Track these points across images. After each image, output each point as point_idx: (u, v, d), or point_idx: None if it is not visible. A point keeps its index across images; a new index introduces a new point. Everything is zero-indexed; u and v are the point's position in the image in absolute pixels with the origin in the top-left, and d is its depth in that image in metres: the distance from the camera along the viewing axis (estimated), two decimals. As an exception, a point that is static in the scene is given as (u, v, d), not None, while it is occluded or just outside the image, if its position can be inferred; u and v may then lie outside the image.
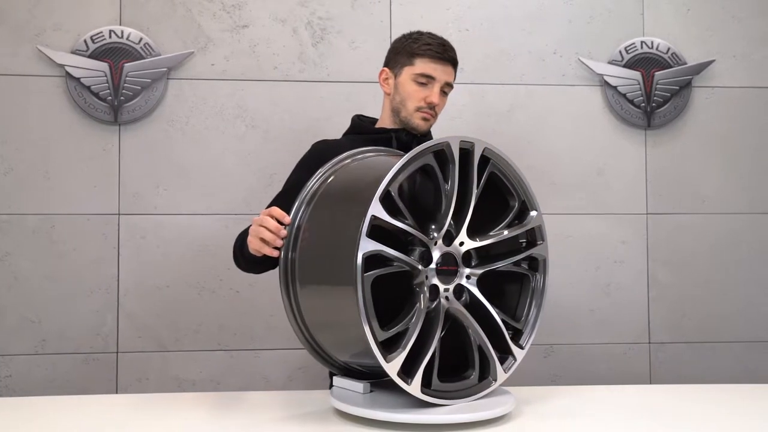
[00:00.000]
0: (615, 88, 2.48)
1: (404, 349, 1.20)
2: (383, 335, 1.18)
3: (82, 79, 2.29)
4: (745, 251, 2.52)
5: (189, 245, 2.34)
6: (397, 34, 2.42)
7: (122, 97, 2.31)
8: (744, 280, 2.51)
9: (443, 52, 1.64)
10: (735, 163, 2.54)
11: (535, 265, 1.43)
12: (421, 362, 1.22)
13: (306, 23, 2.42)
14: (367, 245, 1.17)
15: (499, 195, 1.43)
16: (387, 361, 1.19)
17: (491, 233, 1.36)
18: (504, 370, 1.35)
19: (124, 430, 1.27)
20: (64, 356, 2.28)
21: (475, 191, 1.31)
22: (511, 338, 1.37)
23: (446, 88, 1.68)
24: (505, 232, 1.38)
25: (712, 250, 2.52)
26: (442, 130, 2.41)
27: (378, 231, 1.22)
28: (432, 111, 1.66)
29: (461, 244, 1.31)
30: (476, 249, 1.38)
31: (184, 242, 2.34)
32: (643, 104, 2.49)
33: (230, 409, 1.39)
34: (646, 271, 2.49)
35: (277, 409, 1.38)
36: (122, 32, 2.32)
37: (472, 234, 1.34)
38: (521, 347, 1.38)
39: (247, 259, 1.53)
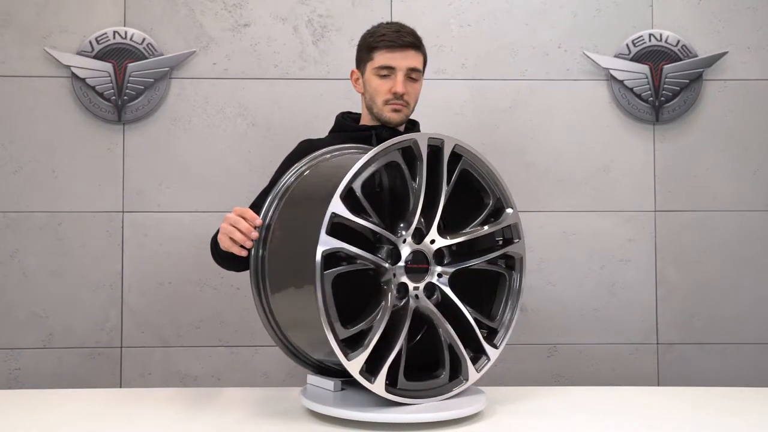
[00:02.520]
0: (621, 82, 2.42)
1: (367, 347, 1.20)
2: (345, 333, 1.18)
3: (87, 80, 2.34)
4: (758, 249, 2.43)
5: (191, 242, 2.36)
6: (397, 30, 2.43)
7: (126, 97, 2.35)
8: (757, 280, 2.43)
9: (397, 39, 1.59)
10: (748, 158, 2.45)
11: (512, 263, 1.41)
12: (386, 361, 1.21)
13: (306, 21, 2.42)
14: (327, 243, 1.17)
15: (477, 193, 1.41)
16: (348, 360, 1.18)
17: (463, 231, 1.34)
18: (476, 370, 1.33)
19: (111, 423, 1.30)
20: (70, 350, 2.34)
21: (444, 189, 1.29)
22: (486, 338, 1.36)
23: (413, 74, 1.62)
24: (479, 230, 1.36)
25: (724, 248, 2.44)
26: (442, 126, 2.40)
27: (345, 229, 1.21)
28: (401, 101, 1.61)
29: (432, 242, 1.30)
30: (452, 247, 1.36)
31: (186, 239, 2.37)
32: (651, 98, 2.42)
33: (202, 406, 1.40)
34: (653, 270, 2.43)
35: (250, 407, 1.39)
36: (126, 33, 2.36)
37: (446, 232, 1.33)
38: (495, 347, 1.37)
39: (221, 256, 1.54)
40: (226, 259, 1.54)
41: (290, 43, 2.41)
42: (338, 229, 1.20)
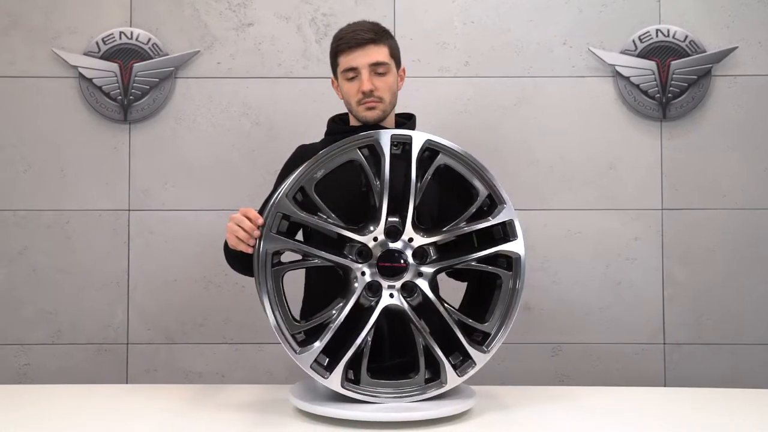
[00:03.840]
0: (628, 78, 2.39)
1: (321, 342, 1.22)
2: (297, 328, 1.20)
3: (94, 80, 2.38)
4: (769, 248, 2.39)
5: (196, 240, 2.39)
6: (400, 28, 2.44)
7: (131, 97, 2.38)
8: (766, 278, 2.38)
9: (354, 38, 1.57)
10: (758, 156, 2.40)
11: (509, 264, 1.36)
12: (343, 356, 1.22)
13: (310, 20, 2.43)
14: (272, 241, 1.21)
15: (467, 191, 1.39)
16: (298, 353, 1.21)
17: (444, 229, 1.32)
18: (460, 374, 1.29)
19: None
20: (77, 346, 2.38)
21: (413, 186, 1.27)
22: (479, 341, 1.33)
23: (378, 69, 1.58)
24: (460, 228, 1.33)
25: (733, 246, 2.39)
26: (445, 124, 2.39)
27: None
28: (371, 98, 1.58)
29: (410, 240, 1.29)
30: (441, 246, 1.34)
31: (190, 237, 2.39)
32: (658, 95, 2.39)
33: (204, 403, 1.43)
34: (660, 269, 2.40)
35: (252, 404, 1.42)
36: (132, 33, 2.39)
37: (433, 231, 1.32)
38: (485, 351, 1.32)
39: (232, 256, 1.57)
40: (238, 261, 1.56)
41: (294, 42, 2.42)
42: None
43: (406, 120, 1.74)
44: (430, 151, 1.30)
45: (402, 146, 1.30)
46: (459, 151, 1.32)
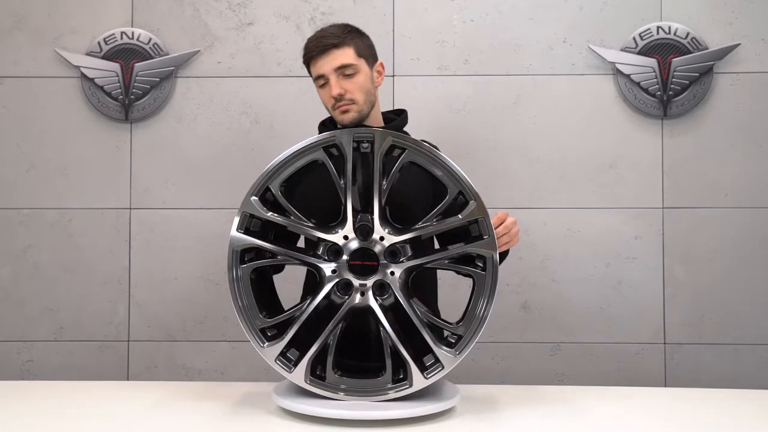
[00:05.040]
0: (628, 76, 2.37)
1: (284, 337, 1.25)
2: (266, 323, 1.23)
3: (95, 80, 2.40)
4: (772, 248, 2.36)
5: (196, 238, 2.41)
6: (400, 26, 2.44)
7: (132, 96, 2.40)
8: (769, 279, 2.36)
9: (316, 46, 1.58)
10: (761, 154, 2.37)
11: (481, 263, 1.32)
12: (307, 352, 1.25)
13: (309, 19, 2.44)
14: (239, 240, 1.27)
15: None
16: (264, 347, 1.26)
17: (414, 227, 1.30)
18: (425, 377, 1.27)
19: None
20: (79, 343, 2.41)
21: (377, 184, 1.27)
22: (455, 343, 1.30)
23: (346, 71, 1.57)
24: (428, 226, 1.31)
25: (734, 246, 2.37)
26: (445, 123, 2.39)
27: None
28: (344, 101, 1.58)
29: (382, 239, 1.28)
30: (415, 244, 1.31)
31: (191, 235, 2.41)
32: (659, 93, 2.37)
33: (203, 400, 1.44)
34: (661, 268, 2.38)
35: (248, 400, 1.45)
36: (133, 33, 2.41)
37: (402, 229, 1.30)
38: (456, 354, 1.29)
39: None
40: None
41: (293, 41, 2.43)
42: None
43: (396, 116, 1.74)
44: (400, 148, 1.28)
45: (371, 144, 1.30)
46: (423, 149, 1.29)
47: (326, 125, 1.73)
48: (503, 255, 1.58)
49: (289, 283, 1.66)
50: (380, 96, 2.28)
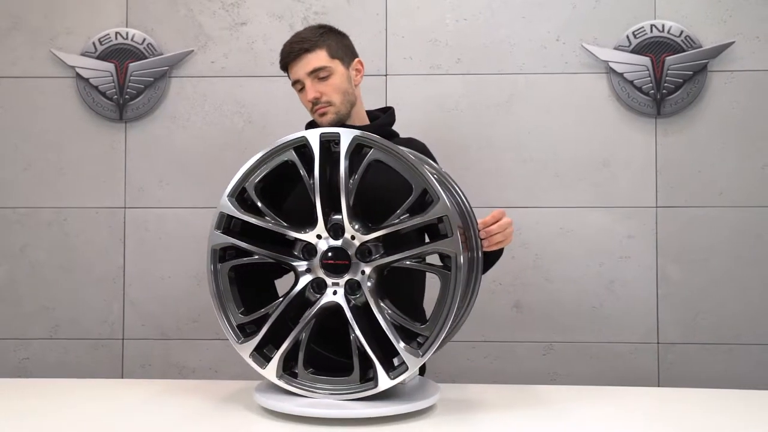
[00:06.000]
0: (621, 75, 2.36)
1: (258, 333, 1.28)
2: (242, 320, 1.25)
3: (90, 80, 2.42)
4: (765, 247, 2.34)
5: (190, 237, 2.42)
6: (392, 25, 2.44)
7: (127, 96, 2.42)
8: (763, 278, 2.34)
9: (290, 53, 1.61)
10: (755, 152, 2.36)
11: (446, 262, 1.27)
12: (278, 349, 1.28)
13: (302, 18, 2.45)
14: (218, 238, 1.32)
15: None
16: (239, 343, 1.30)
17: (381, 225, 1.28)
18: (390, 377, 1.25)
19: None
20: (75, 341, 2.43)
21: (344, 183, 1.27)
22: (422, 344, 1.27)
23: (320, 74, 1.60)
24: (394, 224, 1.29)
25: (729, 245, 2.36)
26: (437, 122, 2.39)
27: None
28: (320, 104, 1.61)
29: (352, 237, 1.28)
30: (388, 242, 1.31)
31: (185, 235, 2.43)
32: (653, 91, 2.36)
33: (200, 398, 1.45)
34: (654, 268, 2.37)
35: (242, 398, 1.45)
36: (127, 33, 2.43)
37: (371, 227, 1.30)
38: (419, 355, 1.25)
39: None
40: None
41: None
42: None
43: (382, 114, 1.75)
44: (368, 147, 1.28)
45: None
46: (388, 146, 1.27)
47: (313, 126, 1.74)
48: (497, 254, 1.58)
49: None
50: (372, 95, 2.32)
